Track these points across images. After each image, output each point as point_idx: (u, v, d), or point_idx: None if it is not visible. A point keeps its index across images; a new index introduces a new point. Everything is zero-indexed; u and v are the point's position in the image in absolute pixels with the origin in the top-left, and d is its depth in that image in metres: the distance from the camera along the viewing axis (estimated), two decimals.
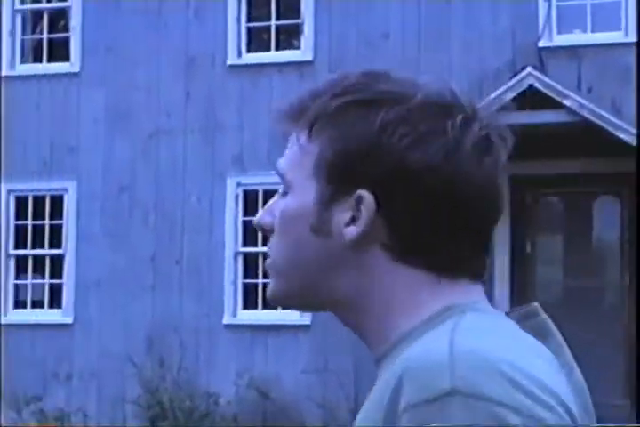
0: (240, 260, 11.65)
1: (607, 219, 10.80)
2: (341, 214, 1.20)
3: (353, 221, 1.19)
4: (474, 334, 1.11)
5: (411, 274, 1.19)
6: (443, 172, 1.16)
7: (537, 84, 10.07)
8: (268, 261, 1.28)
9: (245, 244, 11.64)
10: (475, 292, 1.21)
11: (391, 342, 1.19)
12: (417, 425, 1.03)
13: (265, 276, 11.57)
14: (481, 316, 1.16)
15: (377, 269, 1.20)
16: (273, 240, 1.26)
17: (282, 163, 1.26)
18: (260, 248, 11.57)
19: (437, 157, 1.16)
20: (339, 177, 1.20)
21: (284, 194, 1.26)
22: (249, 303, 11.58)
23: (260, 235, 11.60)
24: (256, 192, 11.65)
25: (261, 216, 1.27)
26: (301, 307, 1.31)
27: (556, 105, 9.98)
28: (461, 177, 1.17)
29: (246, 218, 11.68)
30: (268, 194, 11.63)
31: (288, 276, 1.24)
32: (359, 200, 1.18)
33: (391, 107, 1.18)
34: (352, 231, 1.19)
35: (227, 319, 11.55)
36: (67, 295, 12.08)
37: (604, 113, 9.90)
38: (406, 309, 1.19)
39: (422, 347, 1.11)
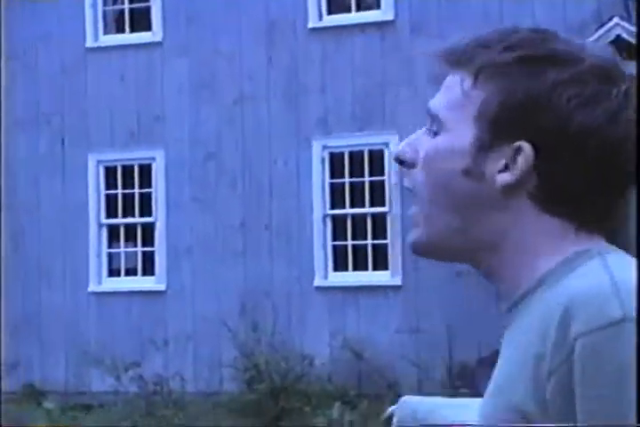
0: (329, 222, 11.68)
1: None
2: (496, 161, 1.26)
3: (506, 168, 1.26)
4: (627, 267, 1.20)
5: (552, 222, 1.27)
6: (602, 135, 1.24)
7: (624, 35, 9.89)
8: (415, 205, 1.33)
9: (333, 206, 11.66)
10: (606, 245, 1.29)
11: (531, 285, 1.26)
12: (592, 349, 1.13)
13: (354, 237, 11.59)
14: (622, 255, 1.26)
15: (521, 215, 1.27)
16: (416, 177, 1.31)
17: (436, 103, 1.31)
18: (349, 210, 11.59)
19: (599, 120, 1.24)
20: (501, 126, 1.25)
21: (435, 133, 1.30)
22: (339, 265, 11.62)
23: (347, 197, 11.61)
24: (342, 154, 11.66)
25: (403, 150, 1.32)
26: (443, 252, 1.33)
27: None
28: (617, 142, 1.25)
29: (333, 180, 11.69)
30: (354, 155, 11.63)
31: (433, 216, 1.30)
32: (518, 150, 1.25)
33: (563, 67, 1.25)
34: (506, 178, 1.26)
35: (318, 282, 11.61)
36: (159, 262, 12.24)
37: None
38: (544, 252, 1.27)
39: (582, 281, 1.19)
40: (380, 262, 11.46)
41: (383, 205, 11.45)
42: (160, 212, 12.27)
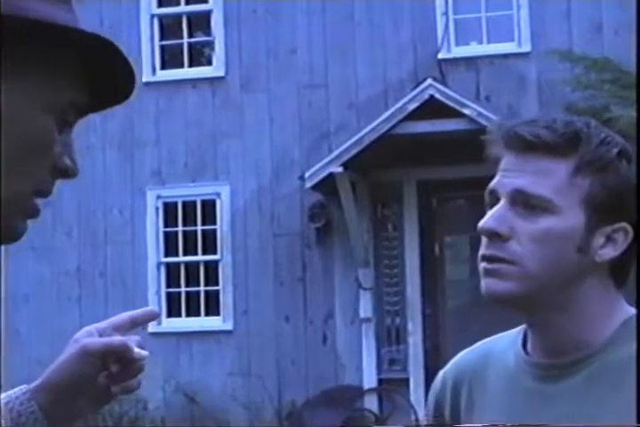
0: (163, 269, 12.08)
1: None
2: (599, 239, 1.52)
3: (605, 245, 1.53)
4: None
5: (613, 289, 1.57)
6: None
7: (437, 95, 10.63)
8: (510, 266, 1.52)
9: (167, 254, 12.07)
10: None
11: (596, 347, 1.54)
12: None
13: (187, 284, 12.00)
14: None
15: (601, 283, 1.55)
16: (516, 248, 1.51)
17: (539, 187, 1.52)
18: (182, 258, 12.01)
19: None
20: (607, 211, 1.52)
21: (537, 211, 1.51)
22: (173, 311, 12.02)
23: (181, 245, 12.03)
24: (175, 204, 12.10)
25: (497, 224, 1.52)
26: (521, 305, 1.56)
27: (456, 114, 10.54)
28: None
29: (167, 229, 12.10)
30: (187, 205, 12.09)
31: (537, 279, 1.51)
32: (620, 230, 1.53)
33: (631, 159, 1.54)
34: (610, 253, 1.53)
35: (152, 327, 11.96)
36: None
37: None
38: (606, 313, 1.56)
39: None
40: (212, 308, 11.92)
41: (215, 253, 11.92)
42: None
